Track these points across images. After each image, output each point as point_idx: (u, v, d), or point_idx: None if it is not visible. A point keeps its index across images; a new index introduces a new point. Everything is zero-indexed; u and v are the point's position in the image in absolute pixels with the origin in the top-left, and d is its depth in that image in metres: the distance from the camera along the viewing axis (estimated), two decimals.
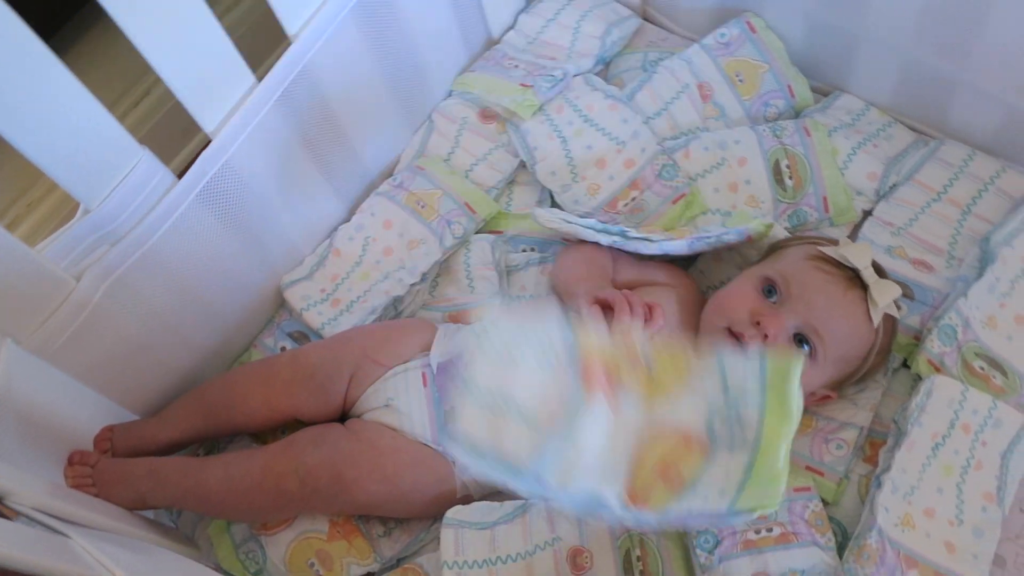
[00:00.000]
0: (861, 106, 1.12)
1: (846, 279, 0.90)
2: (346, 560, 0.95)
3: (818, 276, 0.90)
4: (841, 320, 0.89)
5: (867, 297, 0.89)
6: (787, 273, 0.91)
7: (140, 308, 0.92)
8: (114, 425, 0.98)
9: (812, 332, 0.88)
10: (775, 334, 0.88)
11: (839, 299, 0.89)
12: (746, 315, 0.90)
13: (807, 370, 0.88)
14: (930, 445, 0.91)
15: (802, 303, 0.89)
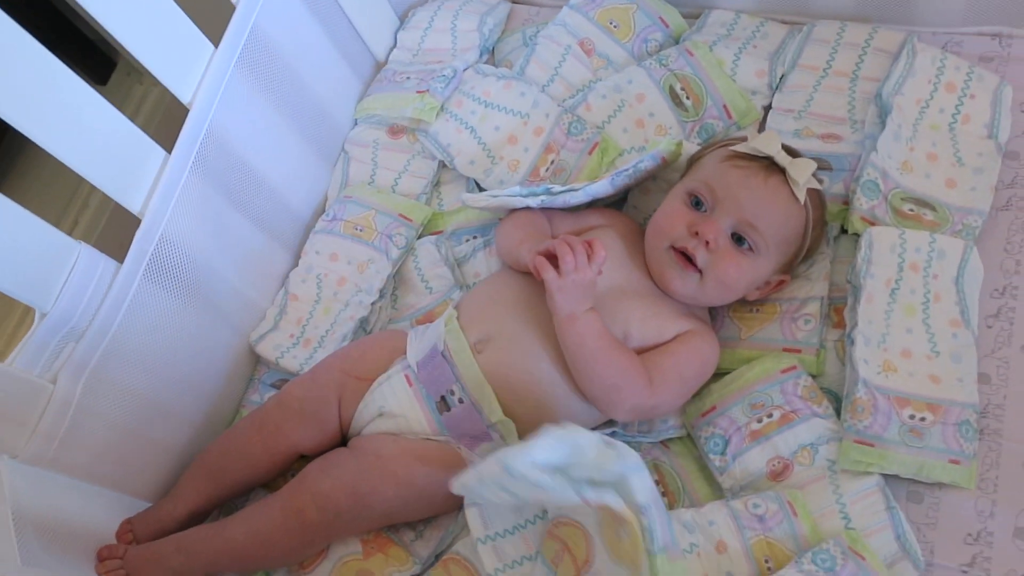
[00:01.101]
0: (732, 16, 1.18)
1: (763, 168, 0.94)
2: (387, 571, 0.97)
3: (737, 173, 0.95)
4: (770, 208, 0.93)
5: (787, 179, 0.94)
6: (709, 180, 0.96)
7: (121, 395, 0.94)
8: (131, 517, 1.00)
9: (747, 227, 0.93)
10: (715, 240, 0.92)
11: (762, 189, 0.93)
12: (683, 229, 0.94)
13: (755, 263, 0.93)
14: (887, 292, 0.96)
15: (730, 202, 0.93)
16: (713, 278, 0.94)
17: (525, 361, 0.95)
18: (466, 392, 0.95)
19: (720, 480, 0.93)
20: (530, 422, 0.95)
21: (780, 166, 0.94)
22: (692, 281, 0.94)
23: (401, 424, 0.97)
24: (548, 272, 0.89)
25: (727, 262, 0.93)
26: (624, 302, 0.96)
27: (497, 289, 1.01)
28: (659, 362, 0.94)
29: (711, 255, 0.93)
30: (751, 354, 1.00)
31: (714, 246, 0.92)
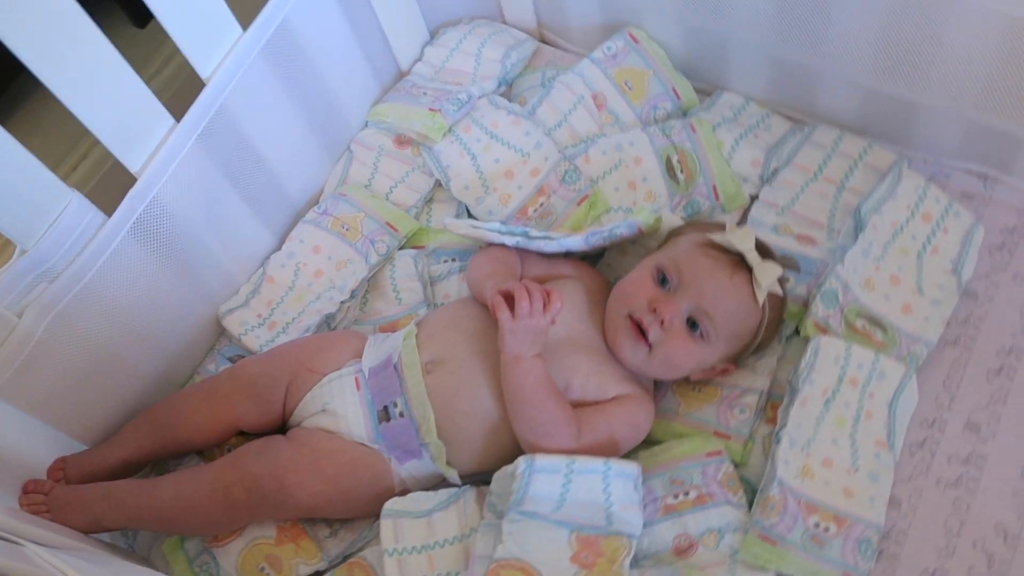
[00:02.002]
0: (741, 101, 1.22)
1: (731, 263, 0.98)
2: (294, 561, 1.01)
3: (706, 262, 0.98)
4: (729, 302, 0.97)
5: (752, 279, 0.97)
6: (679, 260, 0.99)
7: (82, 341, 0.98)
8: (66, 456, 1.04)
9: (703, 314, 0.97)
10: (669, 320, 0.96)
11: (726, 283, 0.97)
12: (643, 302, 0.98)
13: (703, 350, 0.97)
14: (822, 400, 0.99)
15: (693, 288, 0.97)
16: (661, 355, 0.97)
17: (469, 390, 0.99)
18: (408, 407, 0.99)
19: None
20: (461, 449, 1.00)
21: (748, 265, 0.98)
22: (641, 353, 0.98)
23: (340, 424, 1.01)
24: (503, 312, 0.93)
25: (677, 343, 0.97)
26: (573, 354, 1.00)
27: (459, 316, 1.05)
28: (592, 418, 0.97)
29: (663, 333, 0.97)
30: (683, 430, 1.04)
31: (668, 326, 0.96)
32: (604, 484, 0.93)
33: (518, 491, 0.91)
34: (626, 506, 0.93)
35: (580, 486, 0.92)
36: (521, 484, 0.91)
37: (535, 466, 0.92)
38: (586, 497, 0.92)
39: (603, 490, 0.93)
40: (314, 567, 1.02)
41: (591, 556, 0.91)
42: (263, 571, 1.01)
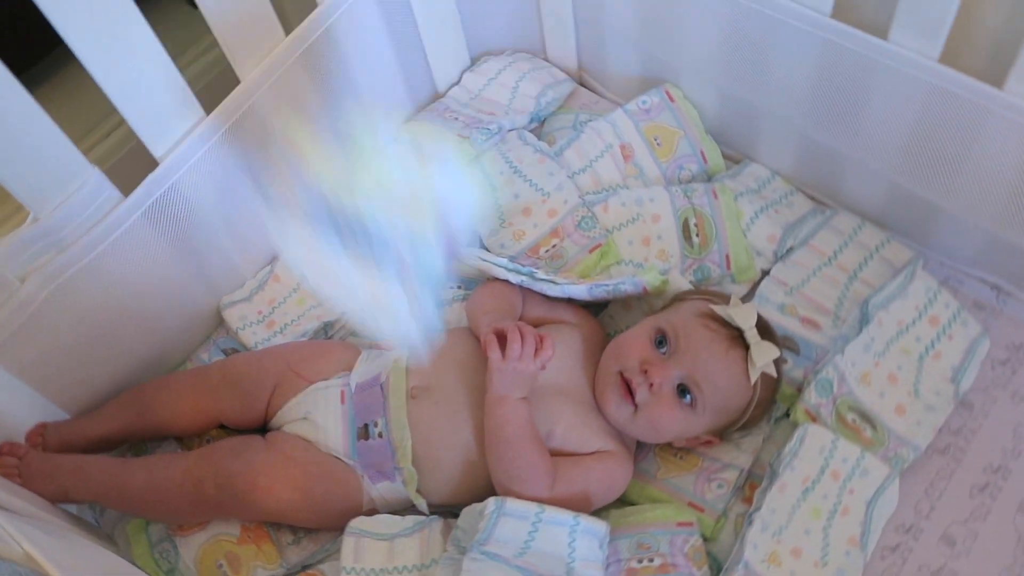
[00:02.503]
0: (767, 175, 1.22)
1: (730, 338, 0.98)
2: (253, 564, 1.01)
3: (704, 333, 0.98)
4: (721, 376, 0.97)
5: (748, 356, 0.97)
6: (678, 326, 0.99)
7: (81, 315, 0.99)
8: (47, 423, 1.05)
9: (694, 384, 0.96)
10: (659, 384, 0.96)
11: (721, 356, 0.97)
12: (636, 363, 0.98)
13: (689, 418, 0.97)
14: (801, 488, 0.98)
15: (688, 356, 0.97)
16: (646, 417, 0.97)
17: (450, 422, 0.99)
18: (388, 429, 0.99)
19: None
20: (434, 479, 1.00)
21: (746, 342, 0.97)
22: (626, 412, 0.98)
23: (319, 435, 1.01)
24: (493, 351, 0.93)
25: (663, 408, 0.96)
26: (559, 402, 1.00)
27: (453, 345, 1.05)
28: (569, 470, 0.97)
29: (651, 396, 0.96)
30: (658, 495, 1.03)
31: (656, 390, 0.96)
32: (570, 538, 0.93)
33: (484, 530, 0.91)
34: (588, 563, 0.93)
35: (546, 536, 0.92)
36: (488, 524, 0.91)
37: (504, 508, 0.92)
38: (550, 548, 0.92)
39: (568, 544, 0.92)
40: (271, 572, 1.01)
41: None
42: (221, 568, 1.01)
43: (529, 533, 0.92)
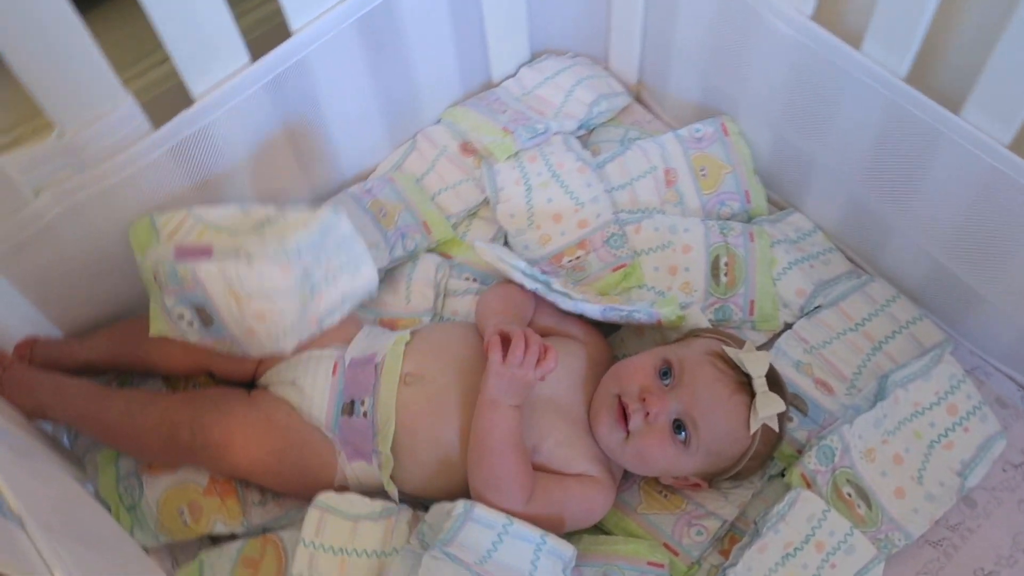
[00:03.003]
0: (810, 227, 1.18)
1: (736, 382, 0.94)
2: (214, 516, 0.99)
3: (711, 372, 0.95)
4: (720, 419, 0.93)
5: (751, 405, 0.93)
6: (685, 360, 0.96)
7: (89, 238, 0.98)
8: (38, 337, 1.04)
9: (691, 422, 0.93)
10: (655, 414, 0.93)
11: (723, 399, 0.93)
12: (636, 389, 0.95)
13: (680, 455, 0.93)
14: (781, 553, 0.95)
15: (689, 392, 0.93)
16: (636, 446, 0.94)
17: (438, 416, 0.96)
18: (374, 411, 0.97)
19: None
20: (410, 470, 0.97)
21: (753, 390, 0.94)
22: (617, 437, 0.95)
23: (304, 402, 0.99)
24: (494, 353, 0.91)
25: (654, 440, 0.93)
26: (551, 418, 0.97)
27: (455, 339, 1.02)
28: (549, 487, 0.94)
29: (645, 426, 0.93)
30: (635, 529, 1.00)
31: (652, 420, 0.93)
32: (534, 556, 0.90)
33: (448, 531, 0.88)
34: None
35: (510, 550, 0.89)
36: (454, 526, 0.89)
37: (473, 514, 0.89)
38: (512, 562, 0.89)
39: (531, 562, 0.90)
40: (231, 529, 1.00)
41: None
42: (181, 514, 0.99)
43: (493, 543, 0.89)
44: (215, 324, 0.95)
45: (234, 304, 0.92)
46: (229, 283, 0.91)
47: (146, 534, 0.99)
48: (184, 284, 0.93)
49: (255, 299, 0.91)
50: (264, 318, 0.93)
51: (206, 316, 0.95)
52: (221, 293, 0.91)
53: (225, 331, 0.95)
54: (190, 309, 0.95)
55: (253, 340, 0.95)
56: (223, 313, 0.93)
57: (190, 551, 1.01)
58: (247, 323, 0.93)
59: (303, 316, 0.95)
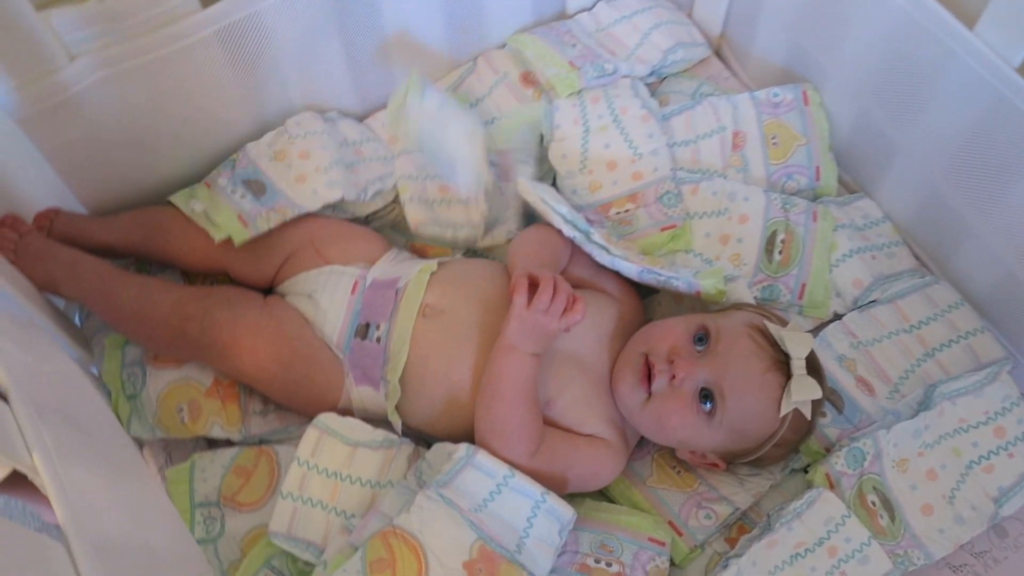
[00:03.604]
0: (879, 215, 1.10)
1: (773, 360, 0.88)
2: (213, 419, 0.96)
3: (748, 344, 0.89)
4: (750, 395, 0.87)
5: (785, 386, 0.87)
6: (723, 329, 0.90)
7: (123, 112, 0.94)
8: (61, 209, 1.00)
9: (719, 392, 0.87)
10: (681, 379, 0.87)
11: (756, 374, 0.87)
12: (666, 350, 0.89)
13: (701, 427, 0.88)
14: (790, 551, 0.90)
15: (722, 362, 0.88)
16: (654, 410, 0.89)
17: (452, 353, 0.92)
18: (388, 337, 0.93)
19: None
20: (416, 404, 0.93)
21: (789, 371, 0.88)
22: (637, 398, 0.90)
23: (318, 317, 0.96)
24: (519, 296, 0.85)
25: (676, 406, 0.88)
26: (571, 373, 0.92)
27: (483, 276, 0.97)
28: (558, 444, 0.90)
29: (669, 389, 0.88)
30: (641, 502, 0.96)
31: (677, 384, 0.87)
32: (532, 513, 0.86)
33: (447, 473, 0.85)
34: (541, 544, 0.86)
35: (507, 502, 0.85)
36: (453, 468, 0.85)
37: (474, 460, 0.85)
38: (508, 515, 0.85)
39: (527, 518, 0.86)
40: (228, 435, 0.97)
41: (485, 571, 0.84)
42: (180, 412, 0.97)
43: (491, 493, 0.85)
44: (267, 191, 1.01)
45: (279, 161, 1.03)
46: (269, 144, 1.05)
47: (143, 426, 0.97)
48: (236, 162, 1.04)
49: (296, 141, 1.04)
50: (308, 154, 1.03)
51: (258, 186, 1.01)
52: (266, 156, 1.04)
53: (277, 191, 1.01)
54: (241, 185, 1.01)
55: (305, 187, 1.01)
56: (271, 173, 1.02)
57: (185, 451, 0.99)
58: (294, 169, 1.02)
59: (347, 165, 1.05)
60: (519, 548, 0.85)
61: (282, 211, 0.99)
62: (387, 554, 0.83)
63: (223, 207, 0.99)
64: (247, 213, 0.99)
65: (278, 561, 0.89)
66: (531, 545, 0.85)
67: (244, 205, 0.99)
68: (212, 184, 1.03)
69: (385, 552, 0.83)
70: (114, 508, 0.71)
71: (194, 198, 1.01)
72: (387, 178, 1.07)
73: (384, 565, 0.82)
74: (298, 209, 1.00)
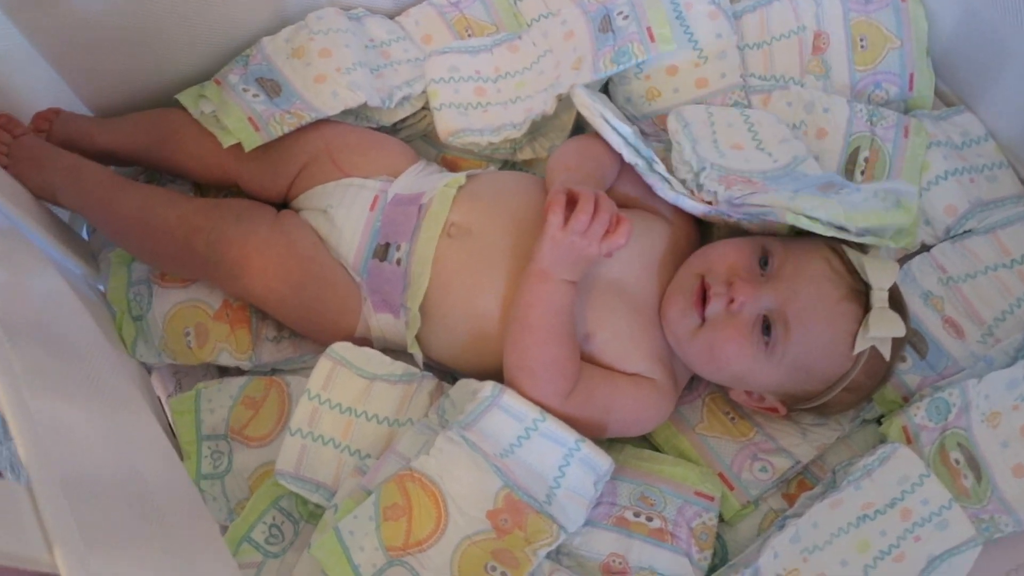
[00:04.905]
0: (980, 133, 0.95)
1: (850, 288, 0.76)
2: (220, 344, 0.89)
3: (821, 268, 0.77)
4: (819, 325, 0.76)
5: (862, 319, 0.76)
6: (792, 251, 0.78)
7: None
8: (60, 110, 0.92)
9: (782, 321, 0.76)
10: (741, 303, 0.76)
11: (829, 302, 0.76)
12: (724, 271, 0.78)
13: (760, 360, 0.77)
14: (858, 513, 0.79)
15: (789, 287, 0.76)
16: (708, 339, 0.78)
17: (478, 278, 0.82)
18: (408, 260, 0.83)
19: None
20: (437, 335, 0.85)
21: (869, 303, 0.76)
22: (688, 324, 0.79)
23: (332, 235, 0.86)
24: (555, 215, 0.74)
25: (732, 334, 0.77)
26: (613, 303, 0.81)
27: (517, 192, 0.86)
28: (596, 383, 0.80)
29: (725, 315, 0.77)
30: (688, 451, 0.86)
31: (736, 309, 0.76)
32: (563, 461, 0.77)
33: (470, 414, 0.76)
34: (573, 495, 0.77)
35: (536, 448, 0.76)
36: (477, 408, 0.76)
37: (501, 400, 0.76)
38: (536, 463, 0.76)
39: (558, 467, 0.77)
40: (236, 362, 0.90)
41: (510, 522, 0.76)
42: (187, 335, 0.90)
43: (519, 438, 0.76)
44: (283, 91, 0.90)
45: (296, 59, 0.92)
46: (287, 40, 0.94)
47: (149, 350, 0.90)
48: (249, 58, 0.93)
49: (316, 37, 0.93)
50: (330, 53, 0.92)
51: (273, 86, 0.91)
52: (283, 52, 0.93)
53: (294, 92, 0.90)
54: (254, 84, 0.91)
55: (324, 88, 0.90)
56: (287, 72, 0.92)
57: (196, 377, 0.92)
58: (313, 68, 0.91)
59: (373, 69, 0.95)
60: (549, 499, 0.76)
61: (298, 114, 0.89)
62: (403, 500, 0.75)
63: (233, 108, 0.89)
64: (259, 115, 0.89)
65: (286, 502, 0.82)
66: (561, 497, 0.76)
67: (256, 106, 0.89)
68: (222, 82, 0.92)
69: (401, 498, 0.75)
70: (95, 441, 0.63)
71: (203, 97, 0.92)
72: (416, 82, 0.96)
73: (399, 511, 0.74)
74: (316, 112, 0.89)
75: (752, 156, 0.90)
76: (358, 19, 0.99)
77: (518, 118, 0.94)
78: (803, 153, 0.90)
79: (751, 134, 0.93)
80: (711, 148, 0.89)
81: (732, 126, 0.93)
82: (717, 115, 0.93)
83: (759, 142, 0.92)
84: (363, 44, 0.96)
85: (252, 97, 0.90)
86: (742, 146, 0.91)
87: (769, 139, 0.92)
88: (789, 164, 0.88)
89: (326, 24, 0.95)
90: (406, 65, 0.98)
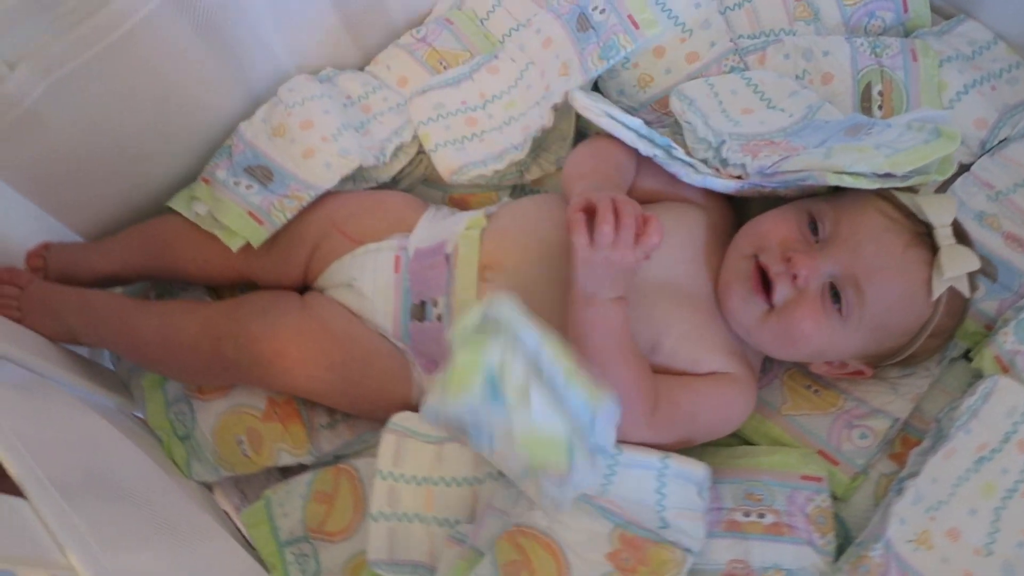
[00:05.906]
0: (988, 38, 0.91)
1: (912, 233, 0.73)
2: (277, 445, 0.85)
3: (877, 220, 0.73)
4: (891, 280, 0.72)
5: (933, 262, 0.72)
6: (841, 210, 0.75)
7: (86, 118, 0.80)
8: (50, 243, 0.88)
9: (851, 285, 0.72)
10: (805, 277, 0.72)
11: (895, 254, 0.72)
12: (778, 247, 0.74)
13: (838, 331, 0.73)
14: (973, 457, 0.75)
15: (847, 248, 0.72)
16: (780, 322, 0.74)
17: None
18: (450, 313, 0.79)
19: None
20: None
21: (935, 243, 0.72)
22: (755, 311, 0.75)
23: (365, 307, 0.82)
24: (579, 236, 0.69)
25: (805, 311, 0.73)
26: (668, 306, 0.77)
27: (540, 218, 0.82)
28: (676, 394, 0.75)
29: (794, 293, 0.73)
30: (780, 436, 0.82)
31: (802, 284, 0.72)
32: (658, 483, 0.73)
33: None
34: (683, 512, 0.73)
35: (626, 480, 0.73)
36: None
37: None
38: (634, 495, 0.73)
39: (656, 490, 0.73)
40: (298, 459, 0.85)
41: (632, 561, 0.72)
42: (240, 444, 0.85)
43: (606, 476, 0.72)
44: (275, 176, 0.86)
45: (278, 137, 0.88)
46: (264, 120, 0.90)
47: (205, 467, 0.86)
48: (232, 148, 0.89)
49: (293, 111, 0.89)
50: (311, 123, 0.88)
51: (263, 172, 0.87)
52: (263, 134, 0.89)
53: (286, 173, 0.86)
54: (244, 175, 0.87)
55: (315, 161, 0.86)
56: (273, 154, 0.87)
57: (259, 484, 0.88)
58: (298, 144, 0.87)
59: (357, 127, 0.91)
60: (663, 524, 0.72)
61: (296, 196, 0.85)
62: (519, 555, 0.71)
63: (228, 205, 0.85)
64: (258, 207, 0.84)
65: None
66: (673, 517, 0.72)
67: (252, 198, 0.85)
68: (211, 179, 0.88)
69: (517, 554, 0.71)
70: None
71: (195, 199, 0.88)
72: (404, 129, 0.92)
73: (519, 567, 0.71)
74: (314, 189, 0.85)
75: (766, 117, 0.87)
76: (329, 79, 0.95)
77: (517, 139, 0.90)
78: (816, 101, 0.87)
79: (758, 95, 0.89)
80: (723, 119, 0.86)
81: (736, 92, 0.89)
82: (719, 84, 0.90)
83: (768, 101, 0.89)
84: (341, 105, 0.92)
85: (246, 189, 0.86)
86: (752, 109, 0.88)
87: (778, 95, 0.88)
88: (806, 115, 0.85)
89: (299, 94, 0.91)
90: (389, 114, 0.94)
